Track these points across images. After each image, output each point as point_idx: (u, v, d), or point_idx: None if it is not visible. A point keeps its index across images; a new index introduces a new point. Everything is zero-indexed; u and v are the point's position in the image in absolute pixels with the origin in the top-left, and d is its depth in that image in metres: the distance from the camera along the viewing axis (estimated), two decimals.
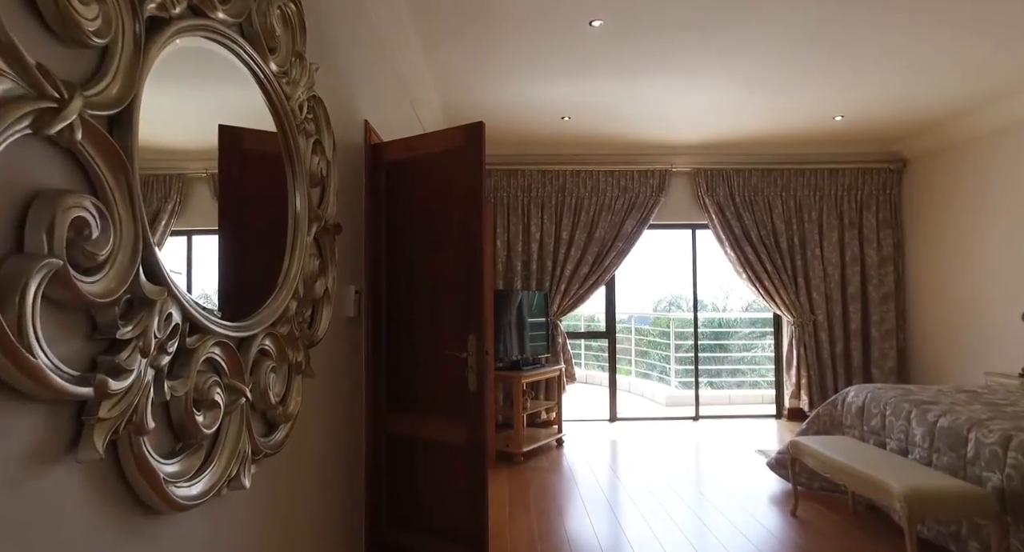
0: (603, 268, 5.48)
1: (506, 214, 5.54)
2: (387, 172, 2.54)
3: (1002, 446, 2.37)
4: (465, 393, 2.31)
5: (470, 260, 2.33)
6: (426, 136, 2.48)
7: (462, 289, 2.35)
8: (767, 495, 3.57)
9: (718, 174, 5.54)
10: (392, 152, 2.53)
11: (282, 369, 1.45)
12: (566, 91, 4.10)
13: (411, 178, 2.51)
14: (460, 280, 2.36)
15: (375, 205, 2.53)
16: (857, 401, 3.31)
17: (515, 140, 5.29)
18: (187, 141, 1.32)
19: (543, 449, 4.67)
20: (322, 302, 1.77)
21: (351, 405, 2.32)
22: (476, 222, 2.32)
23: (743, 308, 11.39)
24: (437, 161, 2.43)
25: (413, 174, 2.50)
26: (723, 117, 4.67)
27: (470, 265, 2.33)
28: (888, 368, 5.40)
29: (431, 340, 2.44)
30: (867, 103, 4.38)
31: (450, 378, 2.36)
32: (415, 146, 2.48)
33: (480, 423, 2.28)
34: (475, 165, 2.32)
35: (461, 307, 2.34)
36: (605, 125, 4.87)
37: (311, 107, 1.66)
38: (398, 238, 2.52)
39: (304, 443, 1.76)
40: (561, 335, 5.48)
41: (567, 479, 3.96)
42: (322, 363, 1.93)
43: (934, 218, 5.23)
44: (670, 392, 7.06)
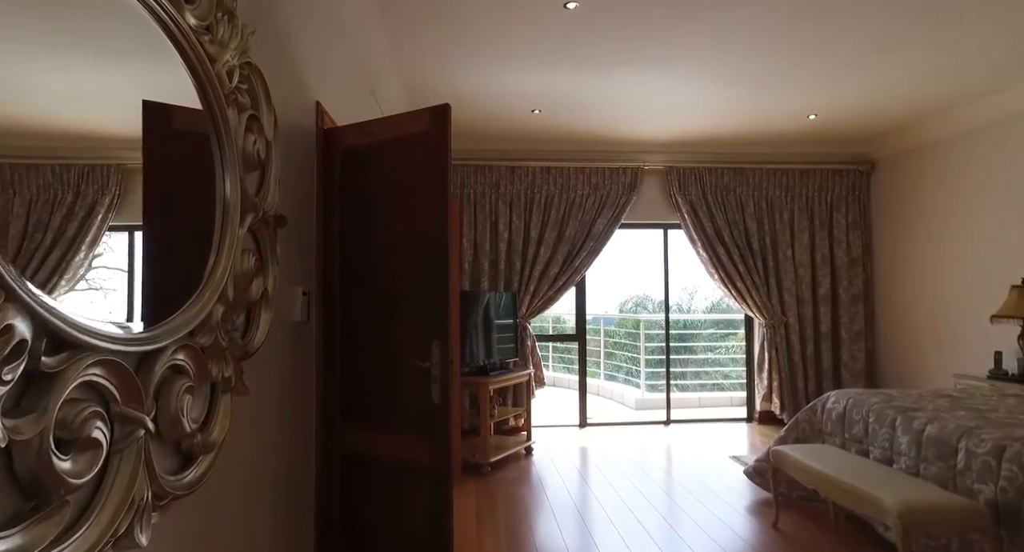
0: (573, 268, 5.30)
1: (473, 211, 5.31)
2: (342, 160, 2.28)
3: (995, 457, 2.26)
4: (428, 407, 2.06)
5: (435, 258, 2.09)
6: (387, 120, 2.23)
7: (426, 291, 2.11)
8: (744, 506, 3.43)
9: (690, 172, 5.42)
10: (348, 137, 2.27)
11: (203, 388, 1.19)
12: (537, 81, 3.89)
13: (369, 166, 2.25)
14: (424, 280, 2.11)
15: (328, 196, 2.27)
16: (838, 407, 3.19)
17: (483, 134, 5.06)
18: (125, 128, 1.14)
19: (512, 458, 4.46)
20: (259, 306, 1.51)
21: (299, 423, 2.05)
22: (442, 216, 2.08)
23: (706, 309, 11.42)
24: (399, 147, 2.18)
25: (372, 162, 2.25)
26: (697, 113, 4.54)
27: (435, 264, 2.09)
28: (857, 370, 5.37)
29: (391, 347, 2.19)
30: (841, 102, 4.32)
31: (411, 390, 2.11)
32: (374, 131, 2.23)
33: (444, 441, 2.05)
34: (441, 152, 2.08)
35: (424, 311, 2.10)
36: (576, 120, 4.69)
37: (244, 76, 1.40)
38: (355, 233, 2.26)
39: (233, 475, 1.50)
40: (530, 338, 5.27)
41: (537, 491, 3.75)
42: (260, 377, 1.67)
43: (901, 220, 5.23)
44: (639, 395, 6.93)
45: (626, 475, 4.04)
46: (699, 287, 11.59)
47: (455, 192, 5.29)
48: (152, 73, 1.19)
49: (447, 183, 2.08)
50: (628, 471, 4.14)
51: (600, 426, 5.60)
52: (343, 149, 2.27)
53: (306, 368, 2.14)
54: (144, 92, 1.17)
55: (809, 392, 5.37)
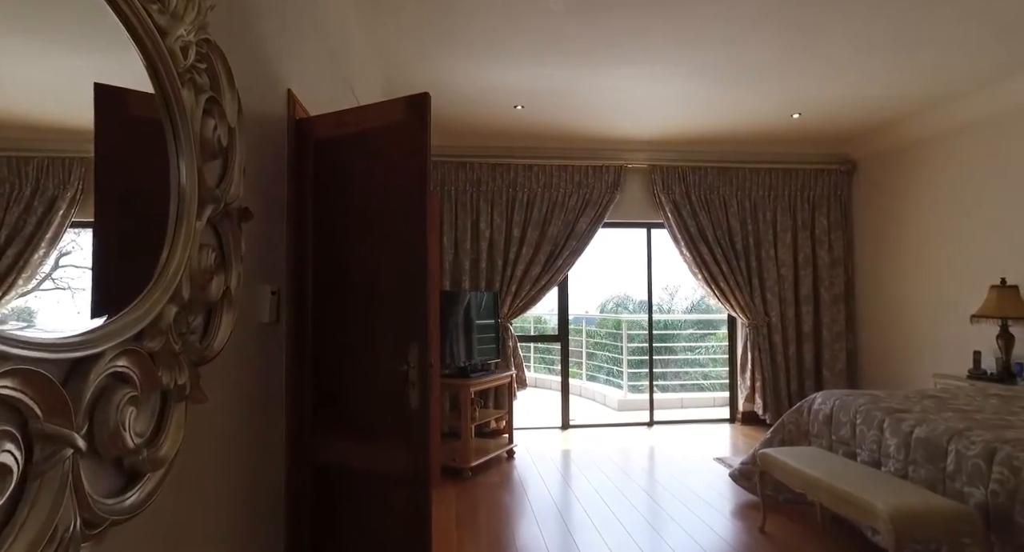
0: (556, 268, 5.21)
1: (454, 209, 5.19)
2: (316, 151, 2.16)
3: (985, 460, 2.22)
4: (405, 413, 1.95)
5: (413, 256, 1.98)
6: (362, 109, 2.11)
7: (404, 290, 1.99)
8: (730, 509, 3.37)
9: (674, 171, 5.37)
10: (321, 128, 2.15)
11: (150, 398, 1.07)
12: (520, 75, 3.79)
13: (344, 158, 2.13)
14: (401, 279, 2.00)
15: (300, 189, 2.14)
16: (824, 408, 3.15)
17: (465, 130, 4.95)
18: (88, 120, 1.06)
19: (493, 462, 4.35)
20: (220, 306, 1.39)
21: (267, 431, 1.93)
22: (420, 211, 1.97)
23: (686, 309, 11.44)
24: (375, 138, 2.06)
25: (346, 153, 2.13)
26: (682, 110, 4.49)
27: (413, 261, 1.98)
28: (838, 370, 5.38)
29: (367, 350, 2.07)
30: (824, 101, 4.30)
31: (388, 395, 1.99)
32: (349, 121, 2.11)
33: (422, 448, 1.94)
34: (420, 143, 1.97)
35: (402, 311, 1.99)
36: (560, 116, 4.60)
37: (202, 54, 1.27)
38: (328, 229, 2.14)
39: (190, 492, 1.37)
40: (512, 339, 5.17)
41: (519, 496, 3.65)
42: (222, 383, 1.54)
43: (882, 220, 5.24)
44: (622, 396, 6.88)
45: (609, 478, 3.97)
46: (680, 287, 11.62)
47: (435, 189, 5.17)
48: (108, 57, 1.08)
49: (427, 175, 1.97)
50: (611, 474, 4.06)
51: (582, 428, 5.53)
52: (317, 140, 2.15)
53: (276, 372, 2.01)
54: (101, 78, 1.07)
55: (791, 392, 5.36)
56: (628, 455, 4.57)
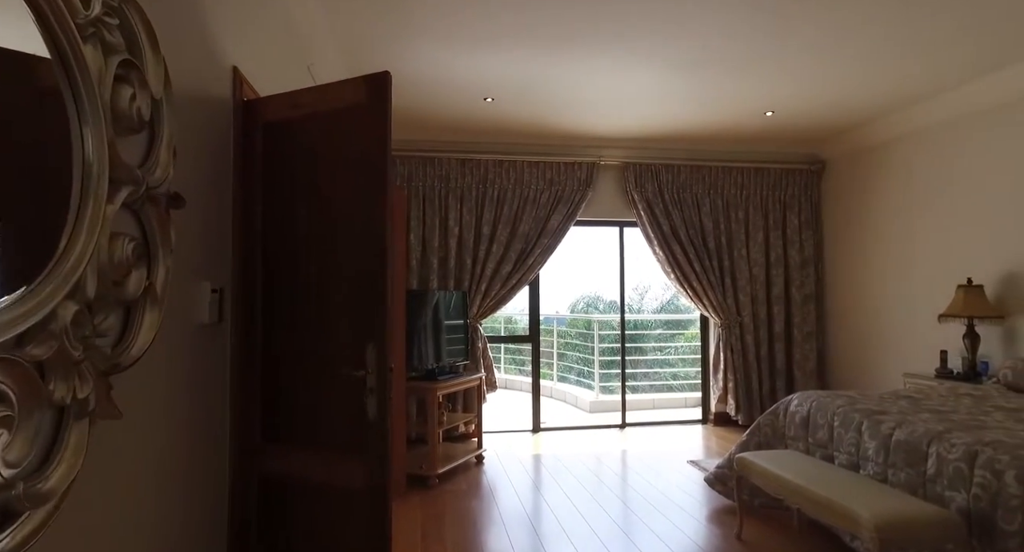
0: (527, 267, 5.07)
1: (422, 205, 5.01)
2: (265, 135, 1.96)
3: (967, 463, 2.16)
4: (363, 422, 1.78)
5: (372, 249, 1.80)
6: (317, 89, 1.93)
7: (361, 287, 1.82)
8: (705, 514, 3.28)
9: (647, 169, 5.29)
10: (272, 110, 1.96)
11: (34, 418, 0.88)
12: (490, 65, 3.64)
13: (297, 143, 1.95)
14: (359, 275, 1.83)
15: (248, 176, 1.95)
16: (801, 410, 3.08)
17: (432, 123, 4.77)
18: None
19: (461, 468, 4.18)
20: (141, 304, 1.20)
21: (207, 444, 1.73)
22: (380, 200, 1.80)
23: (655, 310, 11.45)
24: (332, 121, 1.89)
25: (300, 138, 1.94)
26: (656, 106, 4.40)
27: (372, 255, 1.81)
28: (809, 370, 5.37)
29: (321, 353, 1.89)
30: (797, 99, 4.26)
31: (344, 403, 1.82)
32: (303, 102, 1.92)
33: (381, 460, 1.77)
34: (380, 127, 1.80)
35: (359, 310, 1.82)
36: (531, 110, 4.46)
37: (114, 7, 1.09)
38: (280, 220, 1.95)
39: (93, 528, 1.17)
40: (481, 340, 5.01)
41: (488, 503, 3.49)
42: (145, 393, 1.35)
43: (851, 220, 5.26)
44: (593, 398, 6.78)
45: (581, 483, 3.84)
46: (650, 287, 11.61)
47: (402, 185, 4.98)
48: None
49: (386, 163, 1.80)
50: (583, 479, 3.94)
51: (554, 431, 5.40)
52: (266, 123, 1.96)
53: (219, 379, 1.81)
54: None
55: (763, 393, 5.33)
56: (600, 459, 4.46)
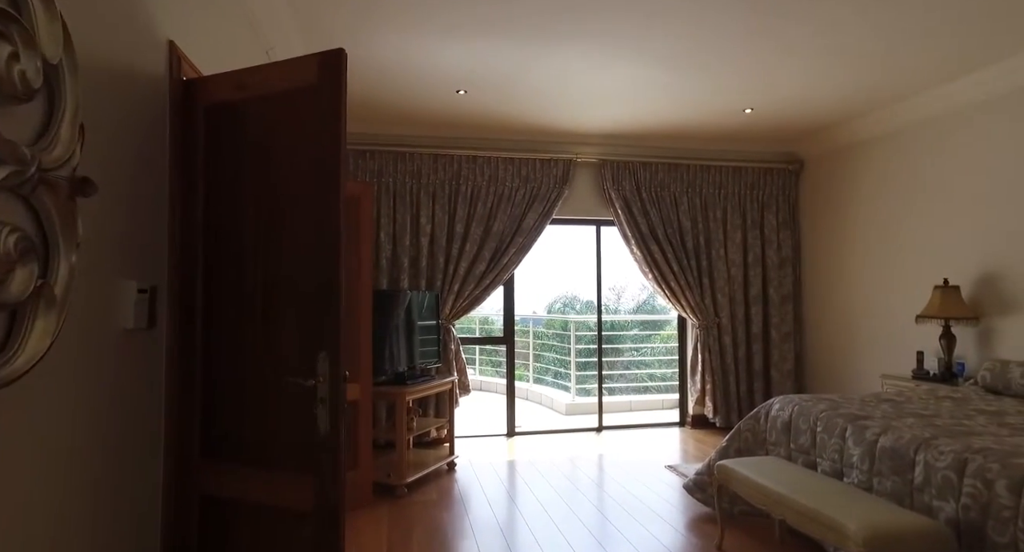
0: (501, 266, 4.92)
1: (392, 202, 4.82)
2: (208, 119, 1.78)
3: (956, 472, 2.07)
4: (313, 437, 1.60)
5: (325, 249, 1.63)
6: (265, 68, 1.74)
7: (313, 290, 1.65)
8: (684, 523, 3.16)
9: (624, 167, 5.18)
10: (215, 91, 1.77)
11: None
12: (462, 56, 3.48)
13: (244, 129, 1.76)
14: (311, 275, 1.65)
15: (188, 165, 1.75)
16: (783, 415, 2.98)
17: (404, 116, 4.58)
18: None
19: (432, 476, 4.01)
20: (31, 307, 1.01)
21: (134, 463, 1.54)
22: (334, 191, 1.63)
23: (631, 310, 11.40)
24: (281, 104, 1.71)
25: (247, 123, 1.76)
26: (633, 102, 4.28)
27: (325, 257, 1.63)
28: (786, 371, 5.32)
29: (268, 361, 1.71)
30: (777, 98, 4.18)
31: (293, 415, 1.64)
32: (249, 83, 1.74)
33: (332, 479, 1.59)
34: (333, 111, 1.63)
35: (311, 316, 1.64)
36: (506, 104, 4.31)
37: None
38: (224, 215, 1.77)
39: None
40: (454, 341, 4.84)
41: (459, 514, 3.33)
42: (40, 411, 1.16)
43: (828, 220, 5.22)
44: (569, 400, 6.65)
45: (557, 491, 3.70)
46: (626, 287, 11.57)
47: (372, 181, 4.78)
48: None
49: (341, 151, 1.63)
50: (559, 486, 3.80)
51: (529, 435, 5.26)
52: (209, 105, 1.77)
53: (149, 390, 1.62)
54: None
55: (740, 394, 5.26)
56: (576, 464, 4.33)
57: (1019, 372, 3.12)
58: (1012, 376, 3.14)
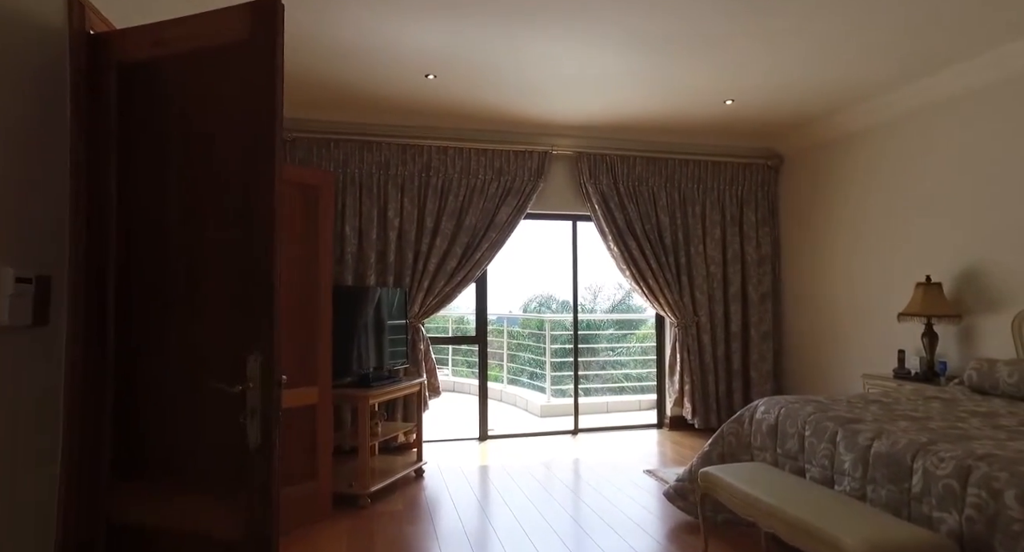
0: (474, 262, 4.69)
1: (358, 194, 4.56)
2: (122, 80, 1.52)
3: (959, 480, 1.92)
4: (241, 453, 1.37)
5: (258, 230, 1.39)
6: (188, 21, 1.49)
7: (244, 281, 1.41)
8: (665, 533, 2.99)
9: (602, 160, 5.00)
10: (131, 47, 1.52)
11: None
12: (431, 37, 3.24)
13: (164, 92, 1.51)
14: (240, 264, 1.41)
15: (97, 134, 1.50)
16: (769, 418, 2.82)
17: (370, 103, 4.33)
18: None
19: (399, 484, 3.77)
20: None
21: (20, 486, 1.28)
22: (268, 169, 1.39)
23: (607, 310, 11.28)
24: (207, 64, 1.46)
25: (168, 86, 1.51)
26: (613, 91, 4.09)
27: (257, 238, 1.39)
28: (765, 371, 5.20)
29: (190, 364, 1.46)
30: (758, 88, 4.03)
31: (219, 428, 1.40)
32: (168, 38, 1.49)
33: (264, 503, 1.36)
34: (268, 73, 1.39)
35: (239, 308, 1.40)
36: (478, 91, 4.09)
37: None
38: (142, 194, 1.51)
39: None
40: (423, 341, 4.61)
41: (425, 526, 3.10)
42: None
43: (808, 217, 5.12)
44: (545, 401, 6.46)
45: (530, 499, 3.50)
46: (602, 286, 11.44)
47: (337, 171, 4.51)
48: None
49: (277, 118, 1.39)
50: (533, 494, 3.59)
51: (502, 438, 5.04)
52: (123, 63, 1.51)
53: (39, 401, 1.36)
54: None
55: (719, 394, 5.13)
56: (552, 470, 4.13)
57: (1006, 372, 3.01)
58: (999, 376, 3.03)
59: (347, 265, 4.49)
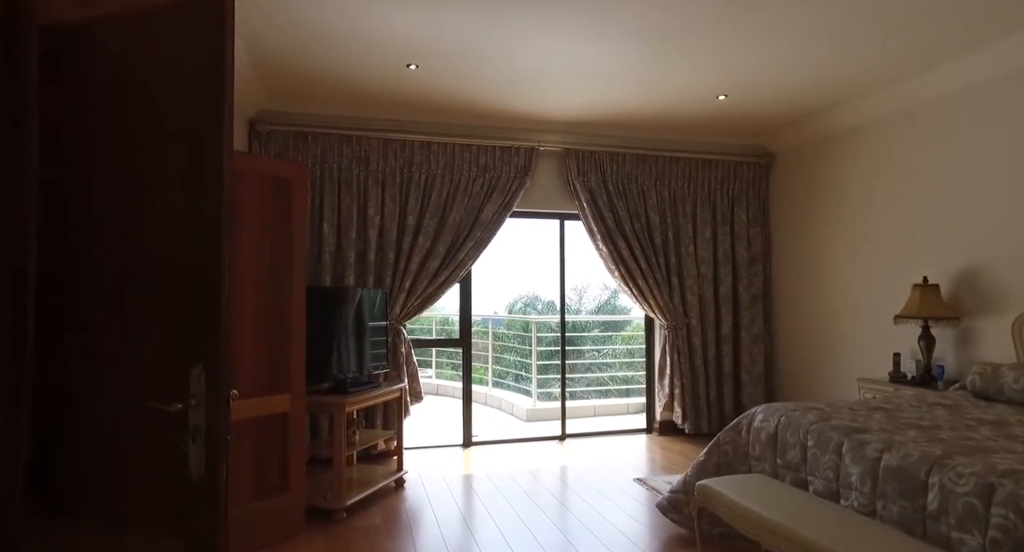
0: (457, 262, 4.51)
1: (336, 191, 4.35)
2: (43, 46, 1.31)
3: (981, 499, 1.77)
4: (182, 482, 1.17)
5: (202, 230, 1.20)
6: None
7: (187, 283, 1.22)
8: (656, 546, 2.83)
9: (590, 156, 4.84)
10: (53, 7, 1.31)
11: None
12: (412, 21, 3.05)
13: (95, 62, 1.31)
14: (182, 263, 1.22)
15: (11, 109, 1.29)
16: (768, 426, 2.67)
17: (349, 94, 4.12)
18: None
19: (378, 495, 3.57)
20: None
21: None
22: (215, 151, 1.20)
23: (592, 311, 11.15)
24: (144, 26, 1.27)
25: (99, 54, 1.31)
26: (602, 85, 3.93)
27: (202, 236, 1.20)
28: (757, 374, 5.08)
29: (124, 378, 1.26)
30: (751, 84, 3.90)
31: (153, 452, 1.21)
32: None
33: (209, 542, 1.16)
34: (215, 38, 1.20)
35: (181, 315, 1.21)
36: (462, 83, 3.90)
37: None
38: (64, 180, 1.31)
39: None
40: (405, 344, 4.41)
41: (404, 543, 2.91)
42: None
43: (799, 216, 5.01)
44: (531, 405, 6.29)
45: (515, 510, 3.32)
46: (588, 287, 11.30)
47: (314, 166, 4.30)
48: None
49: (226, 93, 1.20)
50: (518, 504, 3.42)
51: (487, 445, 4.86)
52: (45, 27, 1.31)
53: None
54: None
55: (710, 399, 4.99)
56: (538, 477, 3.96)
57: (1012, 377, 2.90)
58: (1005, 381, 2.92)
59: (325, 265, 4.28)
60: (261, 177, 2.95)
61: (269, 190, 2.98)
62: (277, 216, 3.00)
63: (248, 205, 2.86)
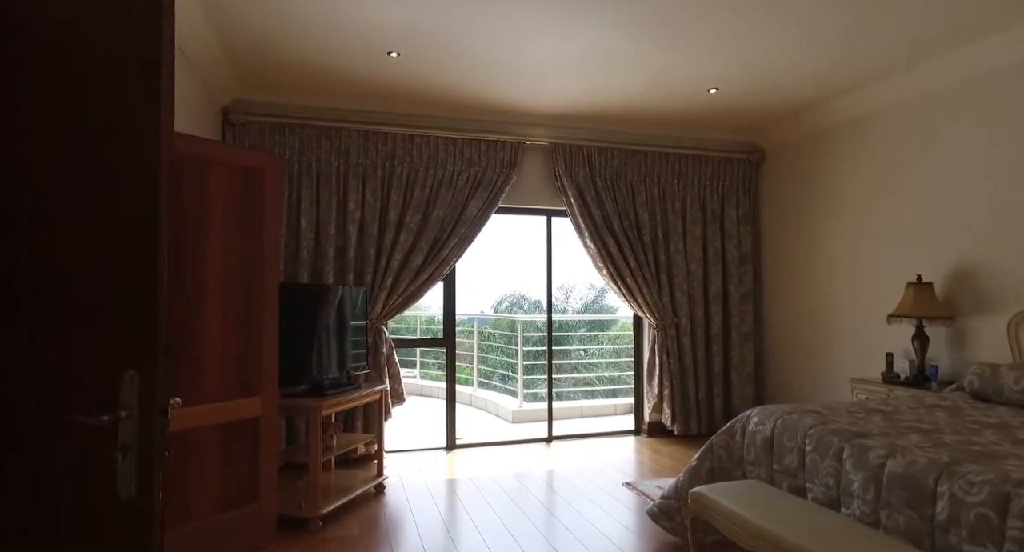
0: (441, 259, 4.36)
1: (315, 185, 4.18)
2: None
3: (996, 511, 1.67)
4: (111, 505, 1.02)
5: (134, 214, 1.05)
6: None
7: (118, 275, 1.06)
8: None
9: (578, 151, 4.71)
10: None
11: None
12: (393, 6, 2.90)
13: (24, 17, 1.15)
14: (112, 249, 1.06)
15: None
16: (763, 430, 2.56)
17: (328, 83, 3.95)
18: None
19: (356, 503, 3.41)
20: None
21: None
22: (152, 126, 1.05)
23: (579, 310, 11.04)
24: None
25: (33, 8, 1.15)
26: (591, 77, 3.80)
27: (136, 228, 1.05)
28: (747, 373, 4.99)
29: (43, 385, 1.10)
30: (743, 76, 3.79)
31: (77, 472, 1.05)
32: None
33: None
34: None
35: (110, 311, 1.05)
36: (446, 73, 3.75)
37: None
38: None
39: None
40: (386, 344, 4.25)
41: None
42: None
43: (791, 214, 4.92)
44: (516, 406, 6.15)
45: (500, 517, 3.18)
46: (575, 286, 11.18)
47: (292, 159, 4.13)
48: None
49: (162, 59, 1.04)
50: (503, 511, 3.28)
51: (471, 448, 4.71)
52: None
53: None
54: None
55: (699, 399, 4.89)
56: (524, 482, 3.82)
57: (1011, 378, 2.82)
58: (1004, 382, 2.83)
59: (302, 262, 4.11)
60: (230, 167, 2.77)
61: (239, 182, 2.81)
62: (248, 208, 2.83)
63: (215, 196, 2.69)
